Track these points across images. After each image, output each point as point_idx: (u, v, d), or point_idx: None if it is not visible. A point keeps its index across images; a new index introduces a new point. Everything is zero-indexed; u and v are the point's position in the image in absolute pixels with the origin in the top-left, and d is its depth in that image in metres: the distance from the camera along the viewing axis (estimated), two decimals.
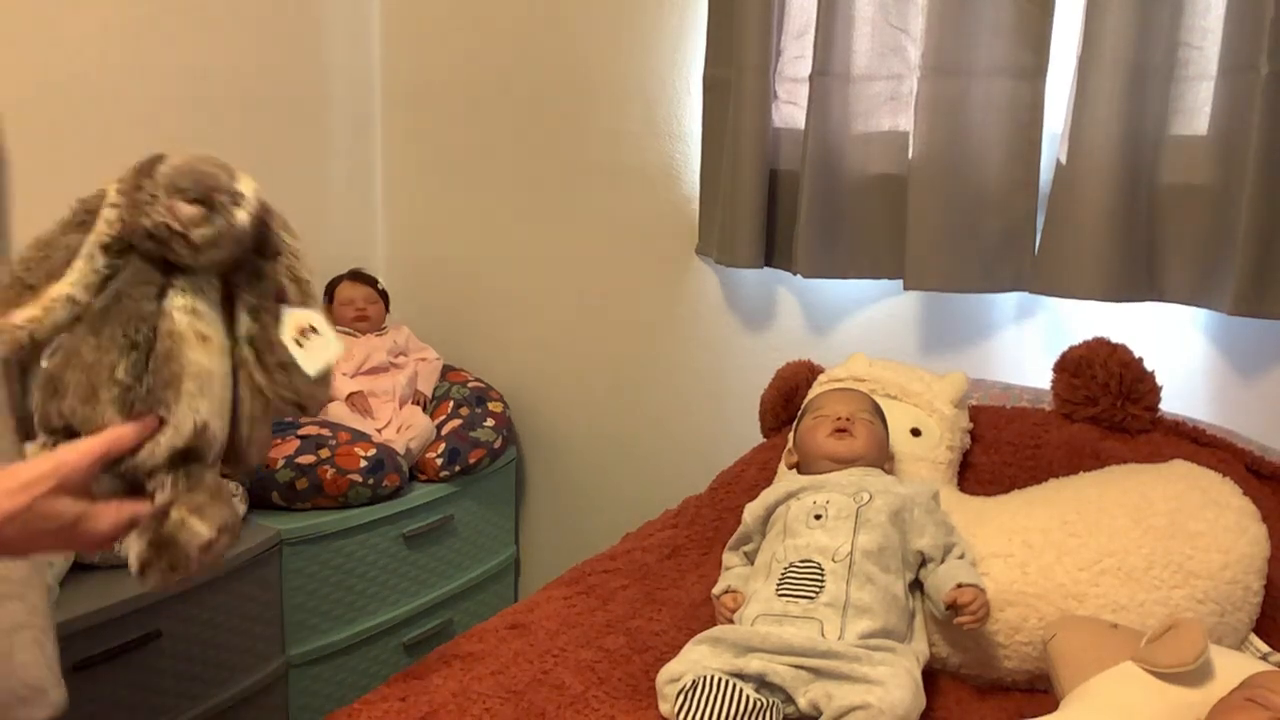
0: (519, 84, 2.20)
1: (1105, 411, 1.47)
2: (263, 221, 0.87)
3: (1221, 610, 1.24)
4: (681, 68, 1.98)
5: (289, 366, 0.87)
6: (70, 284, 0.80)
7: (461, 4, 2.26)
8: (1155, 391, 1.47)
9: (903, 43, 1.71)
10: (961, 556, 1.25)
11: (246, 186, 0.84)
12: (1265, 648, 1.25)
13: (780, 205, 1.82)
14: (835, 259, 1.77)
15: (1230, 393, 1.61)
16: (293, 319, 0.87)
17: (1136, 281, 1.56)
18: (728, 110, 1.81)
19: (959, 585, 1.20)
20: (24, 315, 0.80)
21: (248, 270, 0.87)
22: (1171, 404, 1.50)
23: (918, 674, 1.16)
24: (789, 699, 1.11)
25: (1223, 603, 1.24)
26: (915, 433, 1.49)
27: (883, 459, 1.41)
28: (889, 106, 1.74)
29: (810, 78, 1.71)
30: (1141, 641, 1.10)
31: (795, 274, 1.78)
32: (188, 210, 0.80)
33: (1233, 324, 1.55)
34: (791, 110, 1.82)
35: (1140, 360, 1.47)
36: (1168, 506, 1.29)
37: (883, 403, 1.48)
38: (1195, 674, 1.05)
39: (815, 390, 1.57)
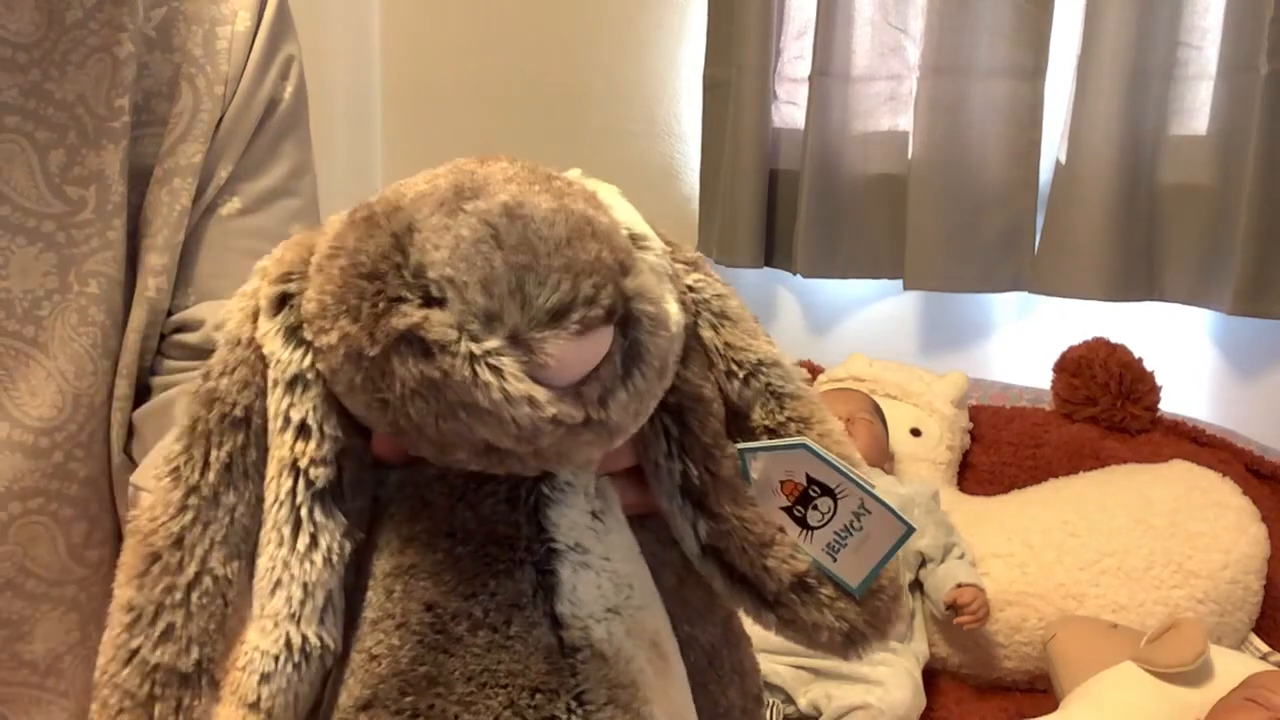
0: (519, 84, 2.20)
1: (1105, 411, 1.47)
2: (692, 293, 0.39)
3: (1221, 610, 1.24)
4: (681, 68, 1.98)
5: (808, 585, 0.38)
6: (274, 630, 0.34)
7: (461, 4, 2.26)
8: (1155, 391, 1.47)
9: (903, 43, 1.71)
10: (961, 556, 1.25)
11: (636, 223, 0.38)
12: (1265, 648, 1.25)
13: (780, 205, 1.82)
14: (835, 259, 1.77)
15: (1230, 393, 1.60)
16: (768, 468, 0.38)
17: (1136, 281, 1.56)
18: (728, 110, 1.81)
19: (959, 585, 1.20)
20: None
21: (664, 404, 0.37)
22: (1171, 404, 1.50)
23: (918, 674, 1.16)
24: (789, 699, 1.11)
25: (1223, 603, 1.24)
26: (915, 433, 1.49)
27: (882, 459, 1.41)
28: (889, 106, 1.74)
29: (810, 78, 1.71)
30: (1141, 641, 1.10)
31: (795, 274, 1.78)
32: (576, 350, 0.31)
33: (1233, 324, 1.55)
34: (791, 110, 1.82)
35: (1140, 360, 1.47)
36: (1168, 506, 1.29)
37: (882, 403, 1.48)
38: (1195, 674, 1.05)
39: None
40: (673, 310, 0.34)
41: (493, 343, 0.30)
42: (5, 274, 0.54)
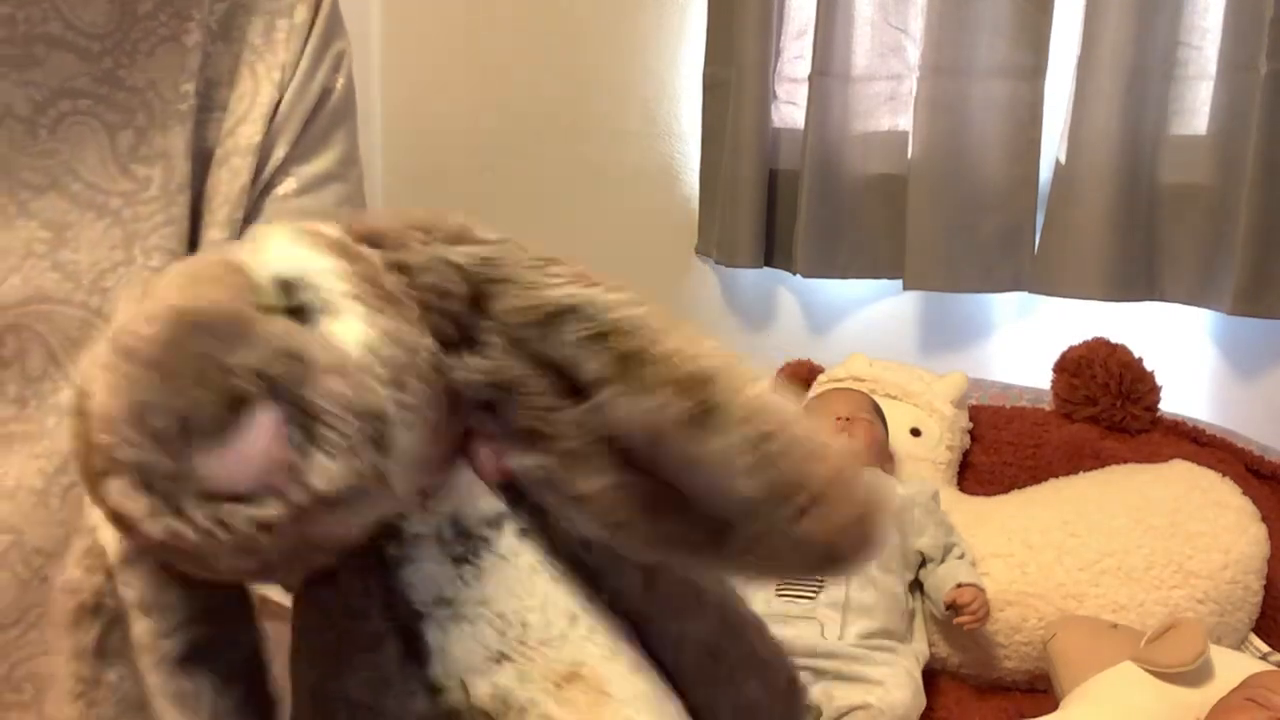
0: (518, 84, 2.20)
1: (1105, 411, 1.47)
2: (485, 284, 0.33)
3: (1221, 610, 1.24)
4: (681, 68, 1.98)
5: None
6: None
7: (461, 4, 2.26)
8: (1155, 391, 1.47)
9: (903, 43, 1.71)
10: (961, 556, 1.25)
11: (293, 264, 0.32)
12: (1265, 648, 1.25)
13: (780, 205, 1.82)
14: (835, 259, 1.77)
15: (1230, 393, 1.60)
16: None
17: (1136, 281, 1.56)
18: (727, 110, 1.80)
19: (959, 585, 1.20)
20: None
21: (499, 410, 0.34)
22: (1171, 404, 1.50)
23: (918, 674, 1.16)
24: None
25: (1223, 603, 1.24)
26: (915, 433, 1.49)
27: (882, 459, 1.41)
28: (889, 106, 1.74)
29: (810, 78, 1.71)
30: (1141, 641, 1.10)
31: (795, 274, 1.78)
32: (232, 456, 0.29)
33: (1233, 324, 1.55)
34: (791, 110, 1.82)
35: (1140, 360, 1.47)
36: (1168, 506, 1.29)
37: (883, 403, 1.48)
38: (1195, 674, 1.05)
39: (815, 390, 1.57)
40: (346, 335, 0.29)
41: (159, 493, 0.28)
42: (75, 246, 0.56)
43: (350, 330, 0.29)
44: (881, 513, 0.33)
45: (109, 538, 0.33)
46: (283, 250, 0.31)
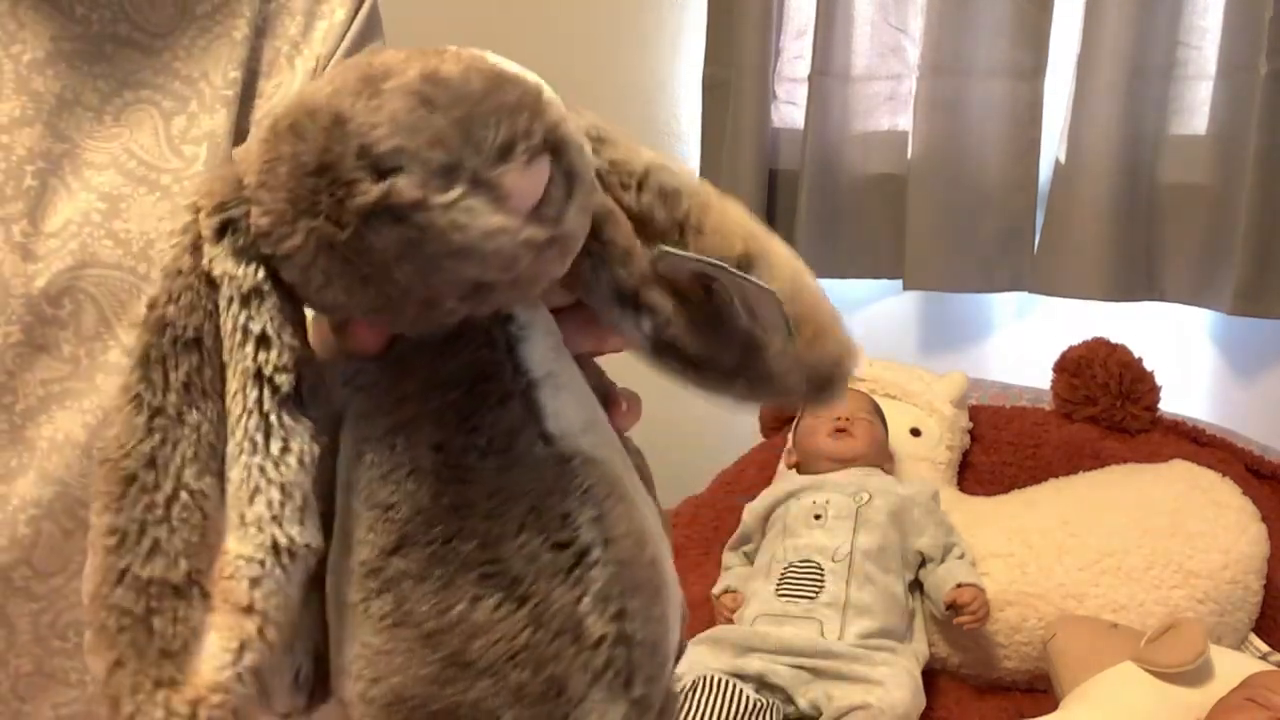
0: None
1: (1105, 411, 1.47)
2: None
3: (1221, 610, 1.24)
4: (681, 68, 1.98)
5: (759, 344, 0.40)
6: (259, 535, 0.35)
7: (460, 3, 2.26)
8: (1155, 391, 1.47)
9: (902, 43, 1.71)
10: (961, 556, 1.25)
11: (523, 70, 0.37)
12: (1265, 648, 1.25)
13: (780, 205, 1.82)
14: (835, 259, 1.77)
15: (1230, 393, 1.60)
16: (674, 271, 0.40)
17: (1136, 281, 1.56)
18: (727, 110, 1.81)
19: (959, 585, 1.20)
20: (206, 677, 0.33)
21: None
22: (1171, 404, 1.50)
23: (918, 674, 1.16)
24: (789, 699, 1.11)
25: (1223, 603, 1.24)
26: (915, 433, 1.49)
27: (882, 459, 1.41)
28: (888, 106, 1.74)
29: (809, 78, 1.71)
30: (1141, 641, 1.10)
31: None
32: (527, 178, 0.33)
33: (1233, 324, 1.55)
34: (791, 110, 1.82)
35: (1140, 360, 1.47)
36: (1168, 506, 1.30)
37: (882, 403, 1.48)
38: (1195, 674, 1.05)
39: None
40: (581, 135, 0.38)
41: (458, 189, 0.32)
42: (127, 217, 0.61)
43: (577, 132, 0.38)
44: (856, 348, 0.41)
45: (238, 272, 0.35)
46: (507, 61, 0.37)
